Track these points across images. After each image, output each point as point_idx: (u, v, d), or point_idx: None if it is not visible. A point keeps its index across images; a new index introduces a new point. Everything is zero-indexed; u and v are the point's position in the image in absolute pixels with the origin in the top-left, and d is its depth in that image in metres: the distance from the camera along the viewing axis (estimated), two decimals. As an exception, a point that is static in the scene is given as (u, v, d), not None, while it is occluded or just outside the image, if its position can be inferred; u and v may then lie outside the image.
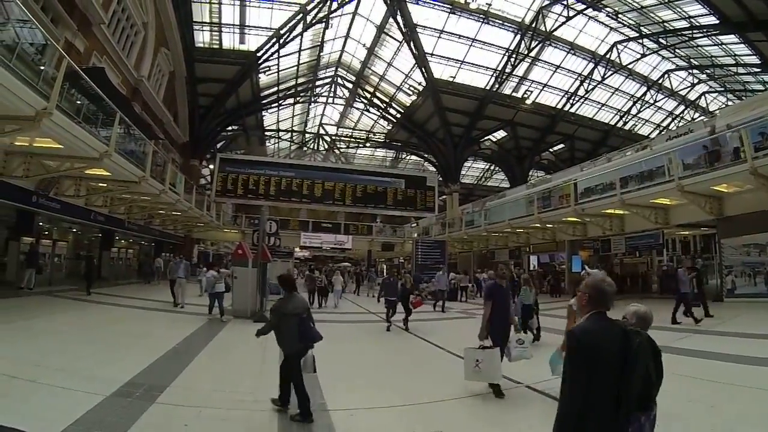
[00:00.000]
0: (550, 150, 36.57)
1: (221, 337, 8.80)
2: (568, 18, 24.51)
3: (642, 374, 2.02)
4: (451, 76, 29.32)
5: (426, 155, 37.61)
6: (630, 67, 28.47)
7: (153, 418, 4.11)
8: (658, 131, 33.14)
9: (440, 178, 33.47)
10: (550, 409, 3.55)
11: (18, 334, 7.28)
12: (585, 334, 2.08)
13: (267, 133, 37.77)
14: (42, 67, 8.29)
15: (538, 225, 19.90)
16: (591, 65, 28.24)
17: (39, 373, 5.05)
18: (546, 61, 28.70)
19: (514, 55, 26.89)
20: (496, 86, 29.38)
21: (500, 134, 34.99)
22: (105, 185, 14.63)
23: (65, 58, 8.78)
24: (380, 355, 8.10)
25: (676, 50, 26.76)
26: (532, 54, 27.33)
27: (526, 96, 30.69)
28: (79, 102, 10.20)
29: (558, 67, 28.87)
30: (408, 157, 41.63)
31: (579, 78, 29.36)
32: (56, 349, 6.51)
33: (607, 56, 27.37)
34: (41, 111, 7.72)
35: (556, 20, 24.81)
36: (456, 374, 5.63)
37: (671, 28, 24.37)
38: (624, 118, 33.46)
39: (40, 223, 15.40)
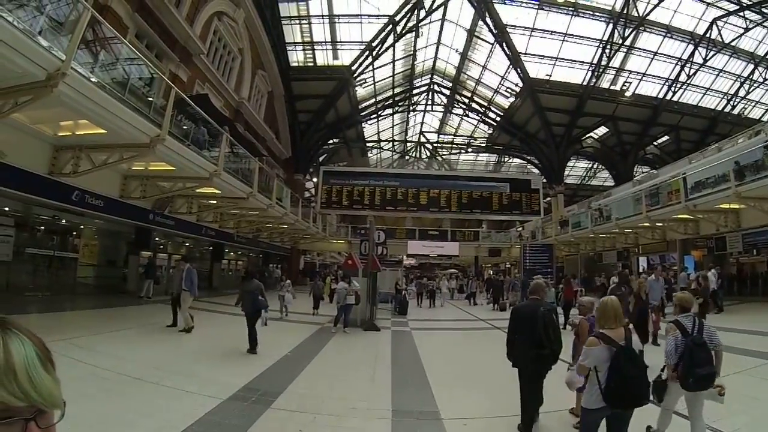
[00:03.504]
0: (654, 143, 35.80)
1: (332, 346, 9.40)
2: (661, -1, 24.45)
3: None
4: (547, 75, 29.93)
5: (528, 157, 37.79)
6: (733, 44, 27.72)
7: (269, 423, 4.49)
8: (771, 113, 31.89)
9: (544, 180, 33.18)
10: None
11: (140, 339, 8.24)
12: (519, 307, 4.77)
13: (368, 144, 39.45)
14: (151, 98, 9.50)
15: (647, 224, 19.43)
16: (691, 47, 27.79)
17: (161, 376, 5.72)
18: (642, 49, 28.72)
19: (608, 46, 27.07)
20: (594, 81, 29.61)
21: (601, 131, 34.84)
22: (215, 202, 16.13)
23: (173, 89, 9.99)
24: (494, 362, 7.80)
25: (783, 19, 25.89)
26: (627, 42, 27.36)
27: (625, 88, 30.62)
28: (186, 127, 11.38)
29: (655, 53, 28.77)
30: (511, 160, 42.22)
31: (679, 63, 28.97)
32: (175, 354, 7.38)
33: (707, 35, 26.81)
34: (155, 138, 8.83)
35: (648, 3, 24.83)
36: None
37: (775, -7, 23.71)
38: (732, 102, 32.39)
39: (157, 239, 17.36)
